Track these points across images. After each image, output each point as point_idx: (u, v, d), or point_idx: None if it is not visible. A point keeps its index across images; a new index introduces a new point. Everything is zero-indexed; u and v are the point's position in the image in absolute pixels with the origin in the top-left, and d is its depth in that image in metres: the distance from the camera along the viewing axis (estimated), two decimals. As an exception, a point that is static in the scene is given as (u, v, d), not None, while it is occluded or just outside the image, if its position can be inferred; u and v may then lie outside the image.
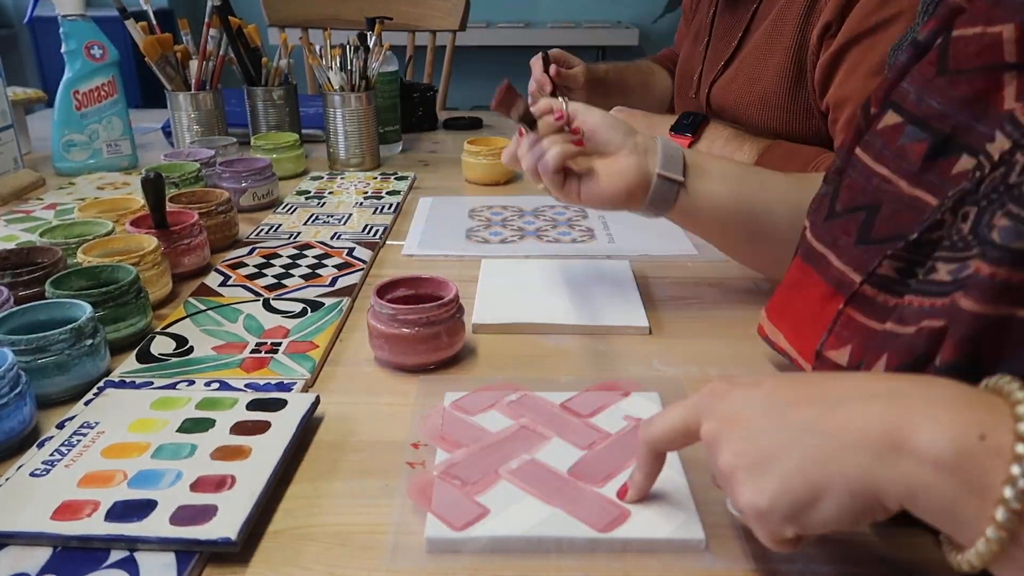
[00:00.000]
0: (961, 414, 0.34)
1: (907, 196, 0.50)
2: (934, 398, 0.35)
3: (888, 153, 0.52)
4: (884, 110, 0.54)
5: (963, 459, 0.32)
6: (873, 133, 0.54)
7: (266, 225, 1.01)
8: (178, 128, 1.29)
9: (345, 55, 1.21)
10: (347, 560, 0.46)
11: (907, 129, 0.51)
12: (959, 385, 0.36)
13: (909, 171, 0.50)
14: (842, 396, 0.38)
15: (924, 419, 0.34)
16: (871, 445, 0.35)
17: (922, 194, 0.49)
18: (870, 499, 0.35)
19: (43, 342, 0.59)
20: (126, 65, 1.24)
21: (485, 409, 0.59)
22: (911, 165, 0.50)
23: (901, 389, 0.36)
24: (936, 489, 0.33)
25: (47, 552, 0.45)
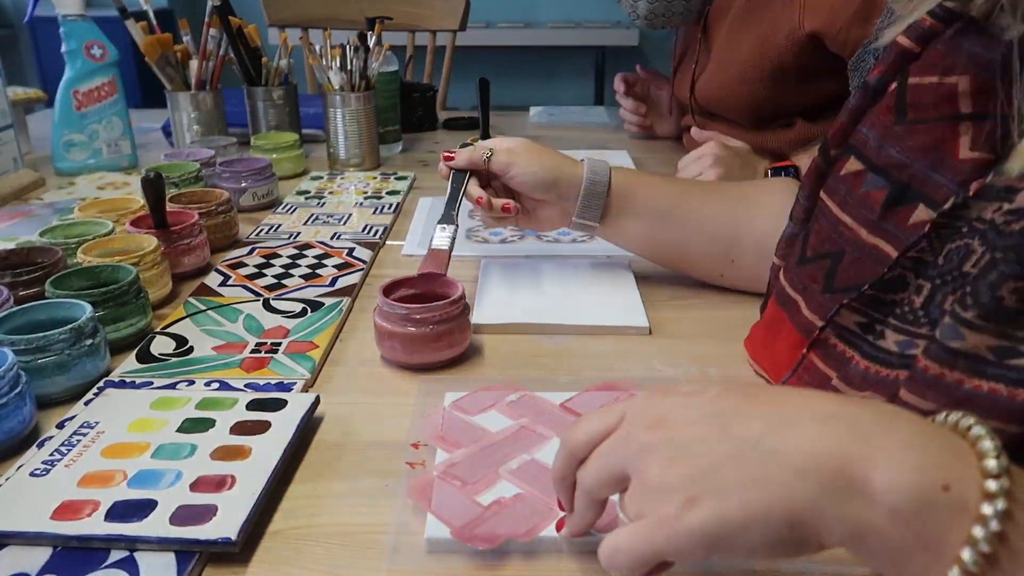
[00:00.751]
0: (924, 458, 0.31)
1: (867, 244, 0.51)
2: (896, 433, 0.32)
3: (851, 200, 0.53)
4: (845, 155, 0.54)
5: (922, 511, 0.30)
6: (837, 179, 0.55)
7: (266, 225, 1.01)
8: (178, 128, 1.28)
9: (345, 55, 1.21)
10: (347, 560, 0.46)
11: (868, 176, 0.51)
12: (921, 421, 0.33)
13: (869, 219, 0.51)
14: (796, 415, 0.34)
15: (883, 457, 0.31)
16: (822, 475, 0.31)
17: (880, 243, 0.49)
18: (809, 533, 0.31)
19: (43, 342, 0.59)
20: (126, 65, 1.23)
21: (485, 409, 0.59)
22: (871, 213, 0.50)
23: (860, 418, 0.33)
24: (887, 536, 0.30)
25: (47, 552, 0.45)
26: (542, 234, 0.98)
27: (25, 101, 1.38)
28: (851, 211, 0.53)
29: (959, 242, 0.43)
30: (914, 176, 0.48)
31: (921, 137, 0.48)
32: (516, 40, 3.49)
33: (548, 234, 0.97)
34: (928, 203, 0.46)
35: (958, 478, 0.30)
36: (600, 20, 3.64)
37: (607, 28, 3.53)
